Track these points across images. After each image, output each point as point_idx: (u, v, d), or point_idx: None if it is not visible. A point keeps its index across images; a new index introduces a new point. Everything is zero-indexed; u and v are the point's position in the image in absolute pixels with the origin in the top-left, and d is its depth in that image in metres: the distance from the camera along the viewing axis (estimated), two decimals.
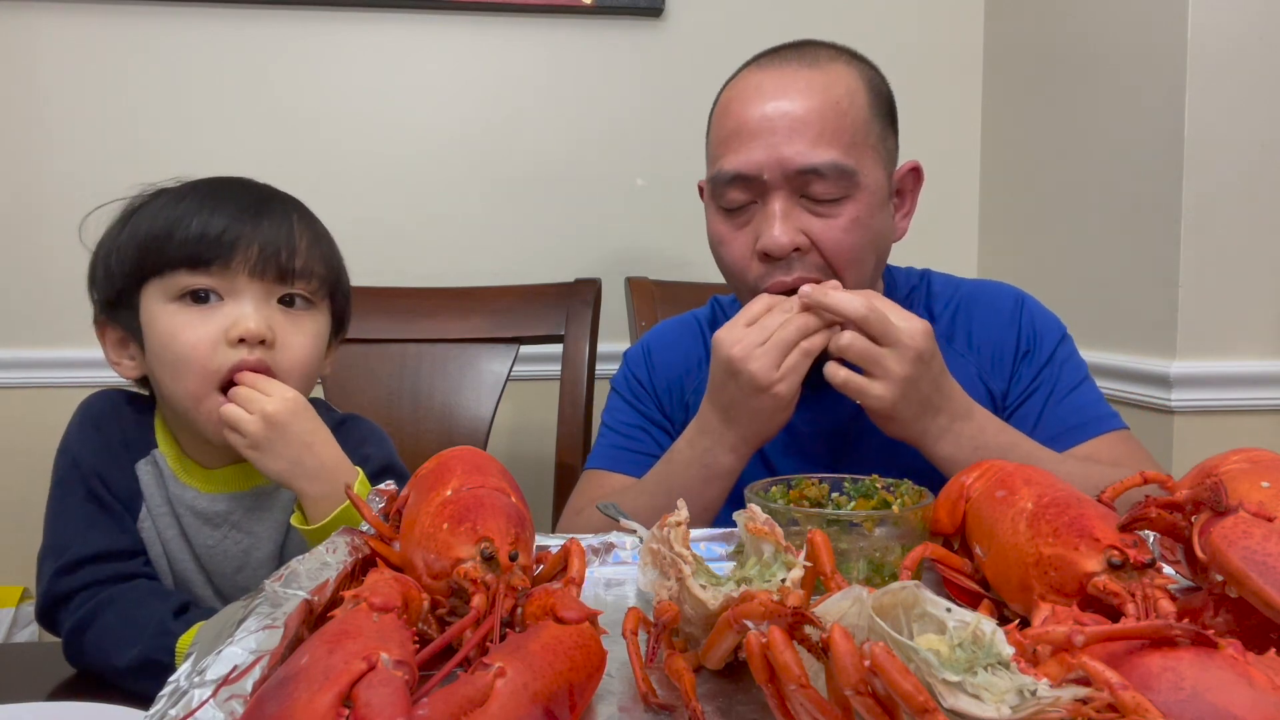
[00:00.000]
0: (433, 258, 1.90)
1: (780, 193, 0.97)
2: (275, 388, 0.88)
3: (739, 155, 0.98)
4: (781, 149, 0.96)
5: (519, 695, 0.44)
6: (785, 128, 0.96)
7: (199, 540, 0.96)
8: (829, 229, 0.98)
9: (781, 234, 0.97)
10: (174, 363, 0.89)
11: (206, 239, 0.89)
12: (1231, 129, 1.43)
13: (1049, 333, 1.10)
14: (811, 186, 0.97)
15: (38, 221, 1.79)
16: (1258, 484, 0.56)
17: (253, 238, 0.90)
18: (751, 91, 1.00)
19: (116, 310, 0.94)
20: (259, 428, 0.86)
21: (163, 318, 0.90)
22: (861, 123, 0.99)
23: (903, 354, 0.88)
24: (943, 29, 2.02)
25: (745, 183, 0.99)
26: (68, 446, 0.93)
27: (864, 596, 0.45)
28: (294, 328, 0.93)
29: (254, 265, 0.90)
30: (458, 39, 1.89)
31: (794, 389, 0.92)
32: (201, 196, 0.92)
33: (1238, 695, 0.41)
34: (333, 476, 0.88)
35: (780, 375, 0.91)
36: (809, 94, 0.98)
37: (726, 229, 1.03)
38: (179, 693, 0.45)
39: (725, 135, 1.01)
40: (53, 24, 1.78)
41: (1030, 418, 1.05)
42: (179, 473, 0.96)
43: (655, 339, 1.23)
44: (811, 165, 0.96)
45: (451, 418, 1.57)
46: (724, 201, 1.01)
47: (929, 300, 1.14)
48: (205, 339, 0.88)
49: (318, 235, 0.97)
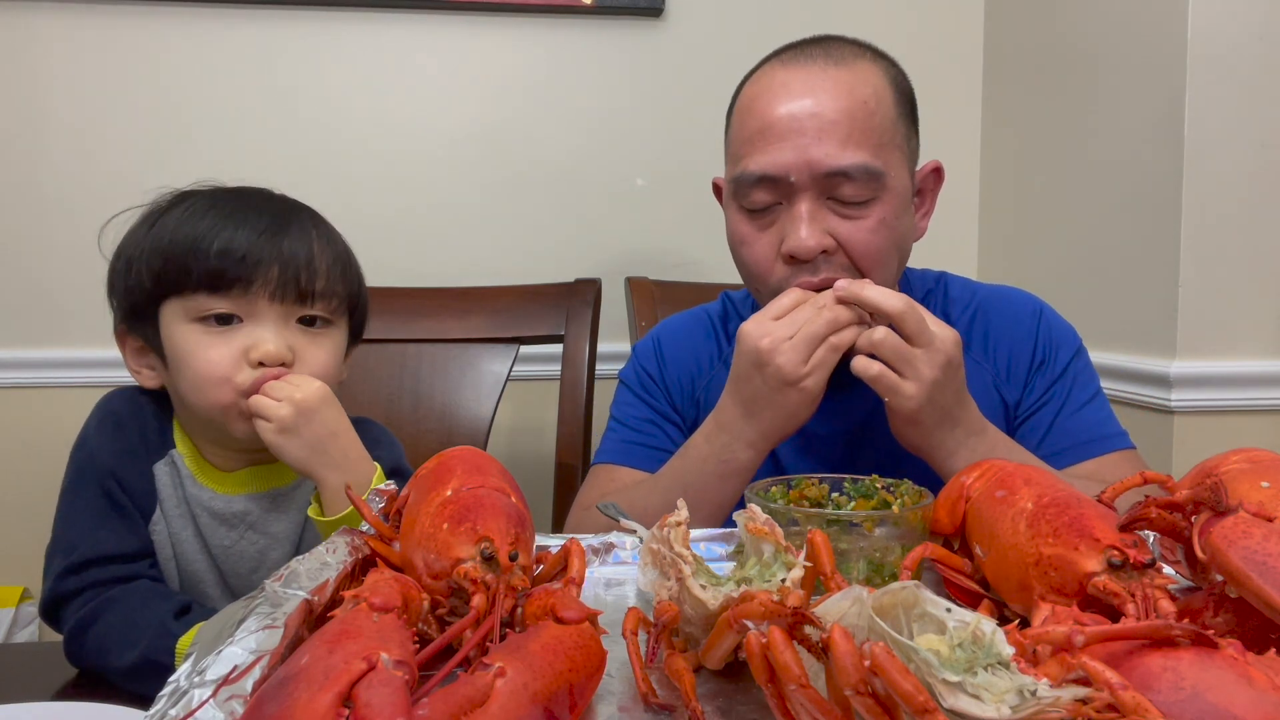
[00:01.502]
0: (432, 258, 1.90)
1: (807, 194, 0.95)
2: (303, 379, 0.90)
3: (765, 156, 0.96)
4: (810, 151, 0.94)
5: (519, 695, 0.44)
6: (814, 129, 0.94)
7: (215, 541, 0.97)
8: (856, 231, 0.96)
9: (809, 237, 0.95)
10: (195, 380, 0.90)
11: (227, 261, 0.89)
12: (1231, 129, 1.43)
13: (1065, 345, 1.09)
14: (840, 188, 0.95)
15: (38, 221, 1.79)
16: (1258, 484, 0.56)
17: (273, 260, 0.90)
18: (778, 89, 0.97)
19: (136, 321, 0.94)
20: (288, 412, 0.88)
21: (184, 337, 0.90)
22: (889, 123, 0.98)
23: (934, 357, 0.87)
24: (943, 29, 2.02)
25: (771, 184, 0.96)
26: (85, 443, 0.94)
27: (864, 596, 0.45)
28: (313, 346, 0.95)
29: (274, 289, 0.91)
30: (458, 39, 1.89)
31: (821, 384, 0.91)
32: (223, 214, 0.92)
33: (1238, 695, 0.41)
34: (354, 468, 0.90)
35: (809, 370, 0.89)
36: (837, 94, 0.95)
37: (749, 229, 1.01)
38: (179, 693, 0.45)
39: (750, 134, 0.98)
40: (53, 24, 1.78)
41: (1040, 430, 1.04)
42: (196, 473, 0.96)
43: (665, 333, 1.22)
44: (841, 168, 0.94)
45: (451, 418, 1.57)
46: (748, 202, 0.99)
47: (946, 304, 1.13)
48: (227, 359, 0.90)
49: (338, 254, 0.98)
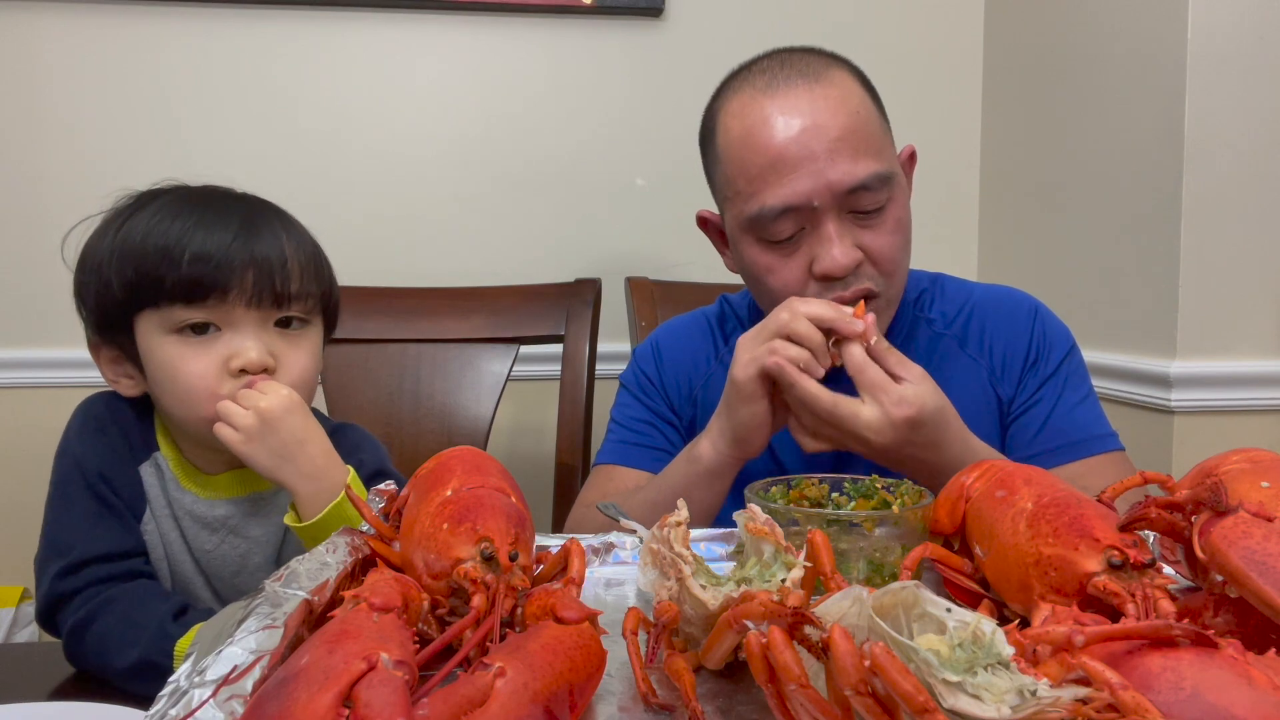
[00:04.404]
0: (433, 258, 1.90)
1: (831, 214, 0.96)
2: (271, 387, 0.89)
3: (783, 188, 0.96)
4: (826, 174, 0.95)
5: (519, 695, 0.44)
6: (824, 151, 0.95)
7: (198, 544, 0.96)
8: (878, 237, 0.98)
9: (842, 255, 0.96)
10: (178, 394, 0.90)
11: (201, 269, 0.88)
12: (1231, 128, 1.43)
13: (1058, 344, 1.10)
14: (859, 201, 0.97)
15: (38, 221, 1.79)
16: (1258, 484, 0.55)
17: (247, 266, 0.89)
18: (773, 119, 0.97)
19: (111, 332, 0.93)
20: (251, 421, 0.87)
21: (162, 349, 0.90)
22: (876, 124, 1.00)
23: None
24: (943, 29, 2.01)
25: (794, 213, 0.97)
26: (68, 449, 0.93)
27: (864, 596, 0.45)
28: (293, 349, 0.94)
29: (250, 296, 0.90)
30: (458, 39, 1.89)
31: (751, 378, 0.91)
32: (191, 219, 0.90)
33: (1238, 695, 0.40)
34: (324, 474, 0.89)
35: (744, 362, 0.90)
36: (831, 111, 0.96)
37: (773, 259, 1.00)
38: (179, 693, 0.45)
39: (759, 170, 0.98)
40: (53, 24, 1.78)
41: (1031, 428, 1.05)
42: (181, 477, 0.96)
43: (664, 335, 1.24)
44: (859, 181, 0.95)
45: (451, 418, 1.57)
46: (769, 234, 0.99)
47: (941, 302, 1.14)
48: (208, 371, 0.89)
49: (310, 252, 0.97)
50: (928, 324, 1.12)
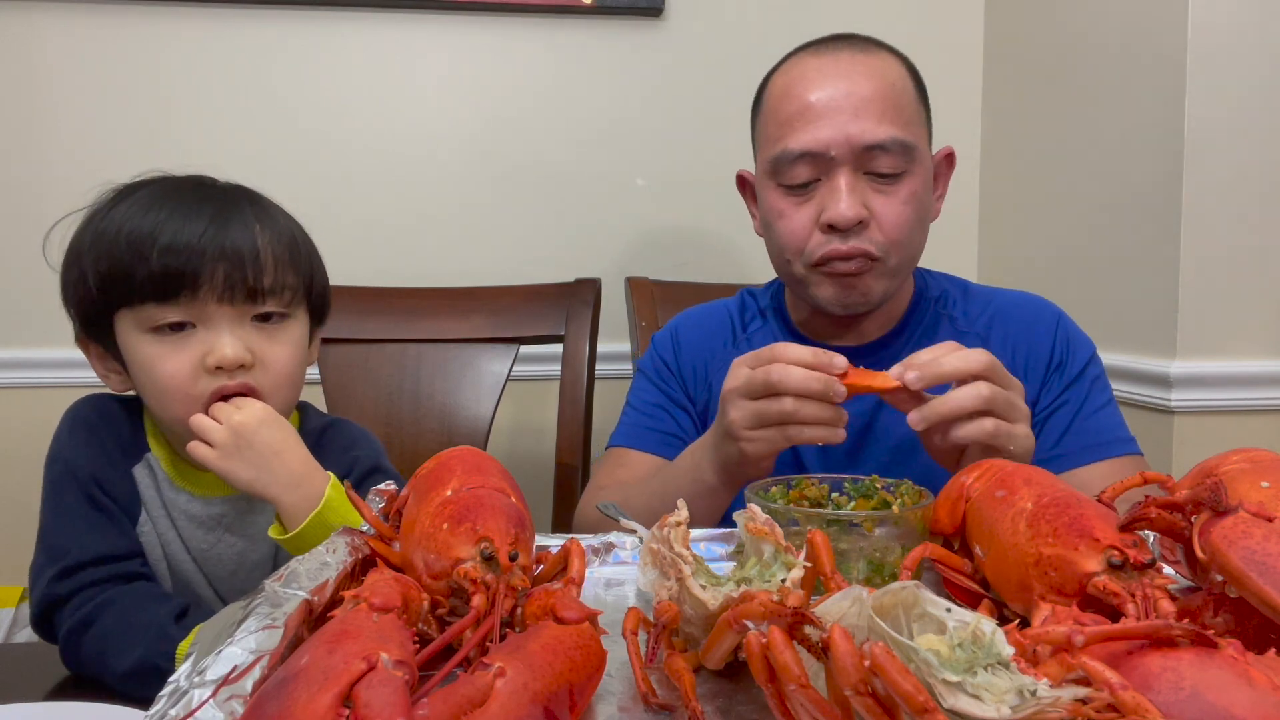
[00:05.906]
0: (433, 258, 1.90)
1: (846, 168, 1.02)
2: (246, 402, 0.89)
3: (806, 134, 1.03)
4: (848, 127, 1.01)
5: (519, 695, 0.44)
6: (851, 107, 1.01)
7: (194, 543, 0.96)
8: (889, 204, 1.03)
9: (848, 208, 1.01)
10: (156, 391, 0.89)
11: (169, 263, 0.86)
12: (1232, 128, 1.43)
13: (1081, 350, 1.12)
14: (875, 162, 1.02)
15: (38, 221, 1.78)
16: (1258, 484, 0.55)
17: (218, 260, 0.87)
18: (812, 75, 1.05)
19: (94, 330, 0.92)
20: (225, 436, 0.86)
21: (139, 348, 0.89)
22: (913, 104, 1.06)
23: (1019, 391, 0.88)
24: (943, 27, 2.01)
25: (812, 159, 1.03)
26: (59, 455, 0.92)
27: (864, 596, 0.45)
28: (273, 344, 0.92)
29: (222, 292, 0.88)
30: (458, 39, 1.89)
31: (762, 453, 0.88)
32: (162, 212, 0.88)
33: (1238, 695, 0.40)
34: (305, 482, 0.88)
35: (752, 437, 0.88)
36: (869, 76, 1.03)
37: (787, 204, 1.06)
38: (179, 693, 0.45)
39: (788, 116, 1.05)
40: (54, 24, 1.78)
41: (1057, 430, 1.07)
42: (173, 476, 0.96)
43: (684, 321, 1.27)
44: (878, 141, 1.01)
45: (451, 418, 1.57)
46: (787, 178, 1.05)
47: (965, 303, 1.17)
48: (185, 369, 0.88)
49: (285, 242, 0.94)
50: (950, 320, 1.15)
